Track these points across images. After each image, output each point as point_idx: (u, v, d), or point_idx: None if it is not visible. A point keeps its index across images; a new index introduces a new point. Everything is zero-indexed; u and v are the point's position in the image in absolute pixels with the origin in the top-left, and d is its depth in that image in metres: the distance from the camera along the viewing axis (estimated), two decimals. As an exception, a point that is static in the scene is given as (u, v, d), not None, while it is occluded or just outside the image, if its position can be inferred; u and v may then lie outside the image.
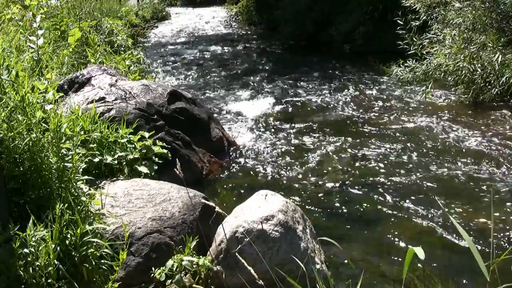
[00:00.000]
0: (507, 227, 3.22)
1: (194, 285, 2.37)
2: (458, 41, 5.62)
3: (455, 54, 5.58)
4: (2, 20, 5.21)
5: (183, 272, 2.35)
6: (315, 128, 5.34)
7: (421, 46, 6.15)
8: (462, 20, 5.76)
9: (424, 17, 6.44)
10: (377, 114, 5.72)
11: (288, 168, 4.32)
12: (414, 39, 6.14)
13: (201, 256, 2.45)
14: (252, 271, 1.84)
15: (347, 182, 3.99)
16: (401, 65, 6.37)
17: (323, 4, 10.12)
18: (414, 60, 6.18)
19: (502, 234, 3.14)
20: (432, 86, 5.88)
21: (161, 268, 2.32)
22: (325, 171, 4.22)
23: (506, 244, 3.05)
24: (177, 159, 3.57)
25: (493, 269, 1.32)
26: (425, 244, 3.01)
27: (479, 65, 5.42)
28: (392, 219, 3.41)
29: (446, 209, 3.49)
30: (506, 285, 1.42)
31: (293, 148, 4.77)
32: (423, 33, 6.32)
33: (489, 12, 5.64)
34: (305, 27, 10.37)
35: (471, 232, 3.17)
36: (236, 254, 2.19)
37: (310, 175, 4.15)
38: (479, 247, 2.96)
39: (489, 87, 5.46)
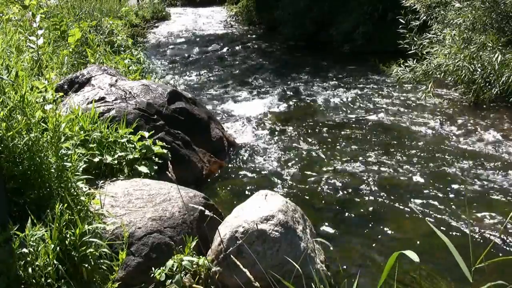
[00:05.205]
0: (502, 228, 3.22)
1: (194, 285, 2.36)
2: (458, 41, 5.61)
3: (455, 54, 5.57)
4: (2, 20, 5.21)
5: (183, 272, 2.35)
6: (315, 128, 5.34)
7: (421, 46, 6.14)
8: (462, 20, 5.75)
9: (424, 17, 6.43)
10: (376, 115, 5.72)
11: (288, 168, 4.31)
12: (414, 39, 6.14)
13: (201, 256, 2.45)
14: (248, 273, 1.83)
15: (347, 182, 3.98)
16: (401, 65, 6.36)
17: (323, 4, 10.11)
18: (414, 60, 6.17)
19: (491, 234, 3.14)
20: (432, 86, 5.88)
21: (161, 268, 2.32)
22: (325, 171, 4.22)
23: (504, 246, 3.05)
24: (168, 162, 3.59)
25: (481, 269, 1.35)
26: (424, 244, 3.02)
27: (479, 65, 5.41)
28: (392, 220, 3.41)
29: (446, 209, 3.49)
30: (490, 283, 1.42)
31: (293, 148, 4.77)
32: (423, 33, 6.31)
33: (489, 12, 5.63)
34: (305, 27, 10.36)
35: (467, 233, 3.17)
36: (232, 256, 2.18)
37: (310, 175, 4.15)
38: (476, 246, 2.97)
39: (489, 87, 5.45)
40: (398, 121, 5.45)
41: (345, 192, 3.84)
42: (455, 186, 3.87)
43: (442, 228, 3.23)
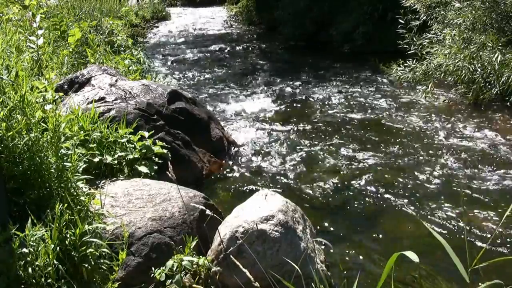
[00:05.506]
0: (505, 228, 3.22)
1: (194, 285, 2.36)
2: (458, 41, 5.61)
3: (455, 54, 5.58)
4: (2, 20, 5.21)
5: (183, 272, 2.35)
6: (314, 128, 5.34)
7: (421, 46, 6.14)
8: (462, 20, 5.75)
9: (424, 17, 6.43)
10: (376, 114, 5.72)
11: (288, 168, 4.31)
12: (414, 39, 6.14)
13: (201, 256, 2.45)
14: (248, 273, 1.83)
15: (346, 182, 3.99)
16: (401, 65, 6.36)
17: (323, 4, 10.12)
18: (414, 60, 6.17)
19: (488, 234, 3.14)
20: (432, 86, 5.88)
21: (161, 268, 2.32)
22: (325, 171, 4.22)
23: (502, 249, 3.05)
24: (168, 162, 3.58)
25: (476, 269, 1.37)
26: (424, 245, 3.02)
27: (479, 65, 5.41)
28: (392, 220, 3.41)
29: (445, 209, 3.49)
30: (487, 283, 1.43)
31: (293, 148, 4.77)
32: (423, 33, 6.31)
33: (489, 12, 5.63)
34: (305, 27, 10.37)
35: (468, 234, 3.17)
36: (231, 256, 2.18)
37: (310, 175, 4.15)
38: (473, 246, 2.97)
39: (489, 87, 5.45)
40: (398, 121, 5.45)
41: (345, 192, 3.84)
42: (453, 186, 3.87)
43: (440, 228, 3.23)
